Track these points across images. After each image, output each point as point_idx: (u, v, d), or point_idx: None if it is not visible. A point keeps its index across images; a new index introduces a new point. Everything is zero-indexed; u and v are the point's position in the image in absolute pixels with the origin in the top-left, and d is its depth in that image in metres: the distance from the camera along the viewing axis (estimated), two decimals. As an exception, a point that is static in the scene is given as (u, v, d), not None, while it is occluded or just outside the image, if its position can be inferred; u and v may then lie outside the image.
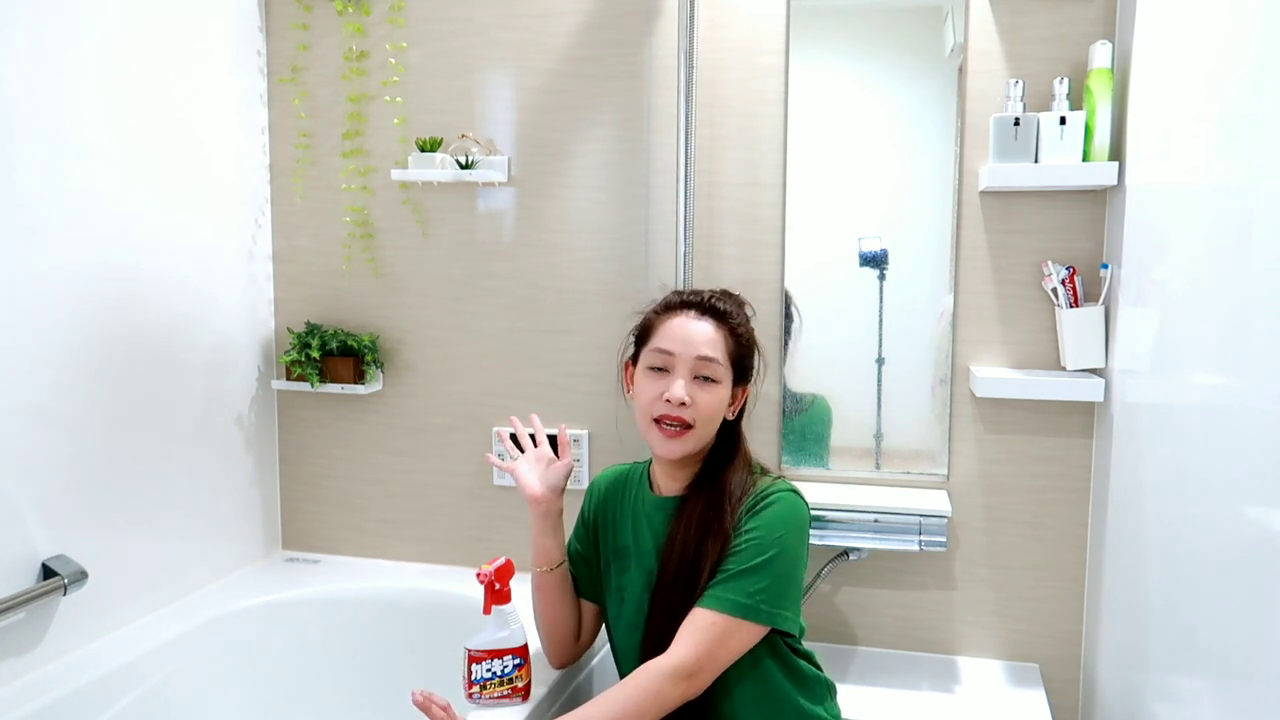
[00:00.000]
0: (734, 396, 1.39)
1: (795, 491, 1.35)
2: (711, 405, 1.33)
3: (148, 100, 1.76)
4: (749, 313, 1.44)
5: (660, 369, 1.35)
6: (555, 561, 1.46)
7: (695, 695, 1.25)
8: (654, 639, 1.34)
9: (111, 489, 1.70)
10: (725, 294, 1.43)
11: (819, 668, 1.42)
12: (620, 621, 1.40)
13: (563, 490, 1.48)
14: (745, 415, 1.43)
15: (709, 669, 1.25)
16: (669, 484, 1.41)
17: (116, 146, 1.69)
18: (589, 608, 1.51)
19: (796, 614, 1.32)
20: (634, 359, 1.43)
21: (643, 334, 1.41)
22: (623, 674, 1.44)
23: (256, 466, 2.10)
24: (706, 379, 1.33)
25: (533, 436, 1.55)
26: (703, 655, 1.23)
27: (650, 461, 1.47)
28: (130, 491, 1.74)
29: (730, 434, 1.40)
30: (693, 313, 1.37)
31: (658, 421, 1.33)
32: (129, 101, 1.71)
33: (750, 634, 1.27)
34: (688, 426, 1.32)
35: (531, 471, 1.48)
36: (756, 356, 1.42)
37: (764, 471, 1.40)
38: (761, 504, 1.32)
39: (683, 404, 1.31)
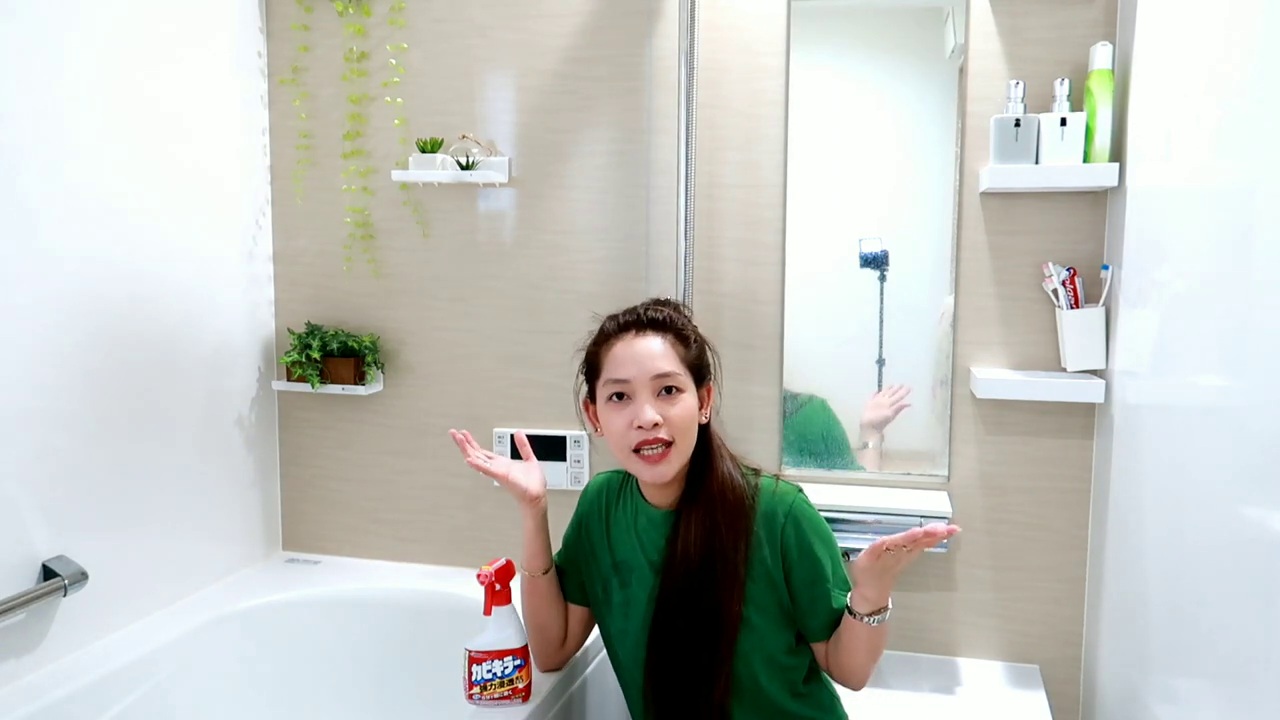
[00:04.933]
0: (701, 400, 1.36)
1: (792, 492, 1.36)
2: (683, 416, 1.31)
3: (148, 101, 1.76)
4: (687, 313, 1.42)
5: (621, 397, 1.32)
6: (549, 564, 1.45)
7: None
8: (658, 653, 1.34)
9: (112, 490, 1.70)
10: (658, 302, 1.40)
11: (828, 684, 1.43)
12: (627, 637, 1.40)
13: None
14: (714, 415, 1.41)
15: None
16: (659, 497, 1.39)
17: (116, 148, 1.69)
18: (577, 612, 1.50)
19: None
20: (591, 396, 1.39)
21: (591, 370, 1.38)
22: (626, 686, 1.44)
23: (257, 467, 2.10)
24: (670, 390, 1.31)
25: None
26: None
27: None
28: (131, 492, 1.74)
29: (704, 439, 1.37)
30: (632, 333, 1.34)
31: (637, 450, 1.31)
32: (129, 103, 1.71)
33: None
34: (669, 444, 1.30)
35: (528, 473, 1.45)
36: (709, 354, 1.40)
37: (755, 472, 1.39)
38: (795, 515, 1.33)
39: (655, 425, 1.29)
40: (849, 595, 1.27)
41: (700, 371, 1.37)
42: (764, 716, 1.34)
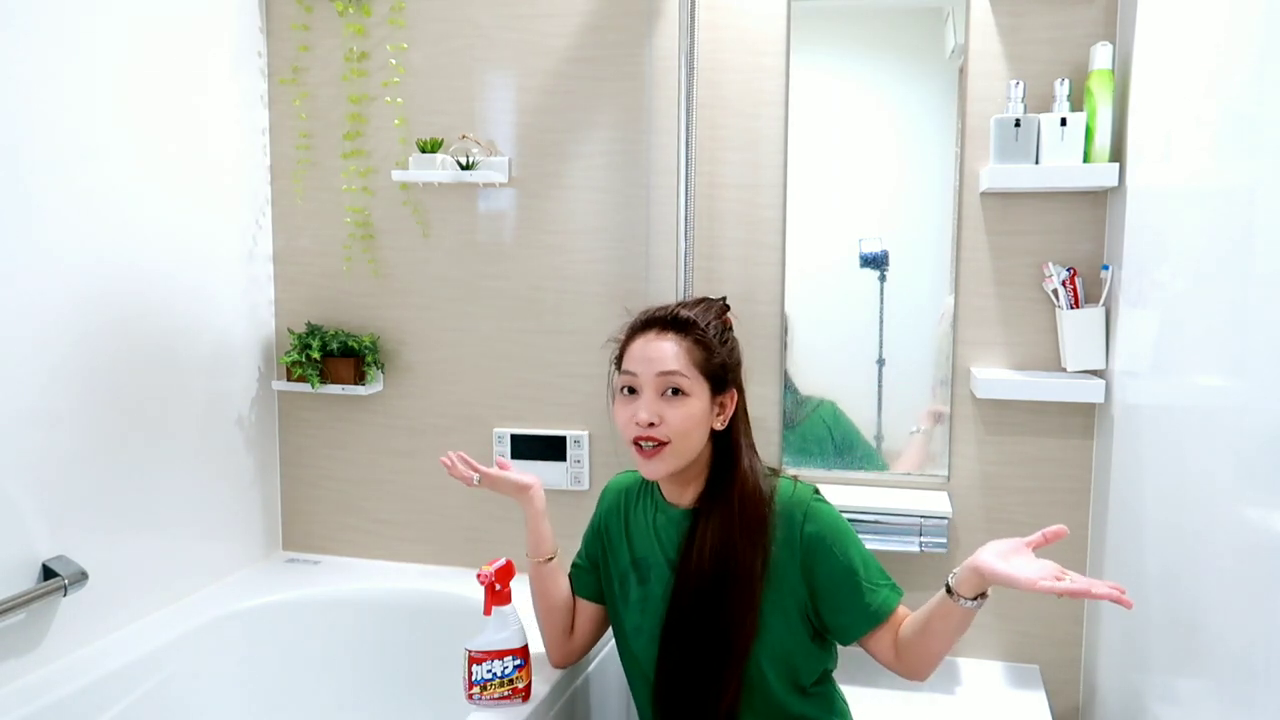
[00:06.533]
0: (720, 406, 1.36)
1: (808, 493, 1.37)
2: (683, 420, 1.31)
3: (148, 101, 1.76)
4: (719, 315, 1.40)
5: (630, 391, 1.34)
6: (553, 550, 1.48)
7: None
8: (670, 652, 1.35)
9: (112, 489, 1.70)
10: (696, 302, 1.41)
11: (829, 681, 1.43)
12: (642, 634, 1.40)
13: None
14: (740, 421, 1.40)
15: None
16: (677, 496, 1.41)
17: (116, 148, 1.69)
18: (589, 609, 1.51)
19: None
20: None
21: (619, 360, 1.40)
22: (634, 684, 1.45)
23: (257, 467, 2.10)
24: (674, 392, 1.31)
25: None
26: None
27: None
28: (131, 492, 1.74)
29: (728, 444, 1.38)
30: (654, 331, 1.35)
31: (636, 444, 1.33)
32: (129, 102, 1.71)
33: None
34: (663, 444, 1.31)
35: (507, 471, 1.53)
36: (735, 358, 1.39)
37: (774, 473, 1.40)
38: (813, 515, 1.33)
39: (651, 424, 1.30)
40: (953, 579, 1.23)
41: (719, 378, 1.36)
42: (772, 715, 1.34)
